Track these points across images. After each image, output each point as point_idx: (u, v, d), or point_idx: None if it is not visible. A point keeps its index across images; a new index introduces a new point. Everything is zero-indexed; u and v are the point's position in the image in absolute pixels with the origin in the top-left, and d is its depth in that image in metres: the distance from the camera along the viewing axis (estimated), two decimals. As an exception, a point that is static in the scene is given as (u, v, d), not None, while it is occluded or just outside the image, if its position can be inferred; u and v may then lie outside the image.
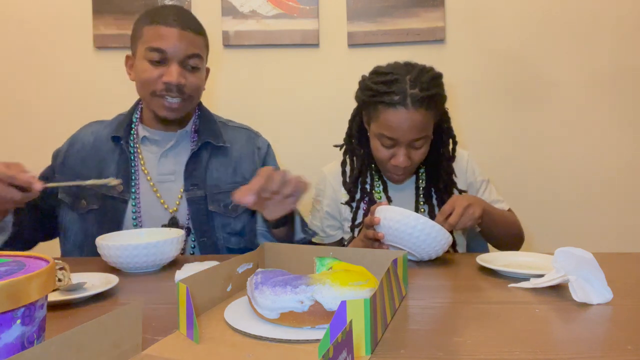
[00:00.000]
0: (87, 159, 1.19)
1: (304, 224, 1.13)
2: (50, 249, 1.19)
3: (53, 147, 1.25)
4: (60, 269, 0.76)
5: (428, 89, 1.12)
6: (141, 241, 0.91)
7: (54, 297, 0.70)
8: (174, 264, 0.98)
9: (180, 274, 0.86)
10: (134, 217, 1.15)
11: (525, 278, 0.81)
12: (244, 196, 0.86)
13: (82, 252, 1.15)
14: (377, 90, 1.14)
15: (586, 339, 0.56)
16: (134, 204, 1.16)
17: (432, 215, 1.27)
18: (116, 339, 0.49)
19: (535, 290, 0.76)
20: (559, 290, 0.75)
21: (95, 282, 0.81)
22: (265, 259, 0.86)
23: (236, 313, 0.64)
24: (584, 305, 0.68)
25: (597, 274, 0.71)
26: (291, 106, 1.94)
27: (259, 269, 0.70)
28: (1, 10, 1.93)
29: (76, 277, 0.81)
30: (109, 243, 0.92)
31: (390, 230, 0.95)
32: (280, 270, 0.68)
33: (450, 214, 1.04)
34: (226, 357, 0.52)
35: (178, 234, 0.99)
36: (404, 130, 1.12)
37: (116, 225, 1.13)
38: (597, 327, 0.60)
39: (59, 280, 0.74)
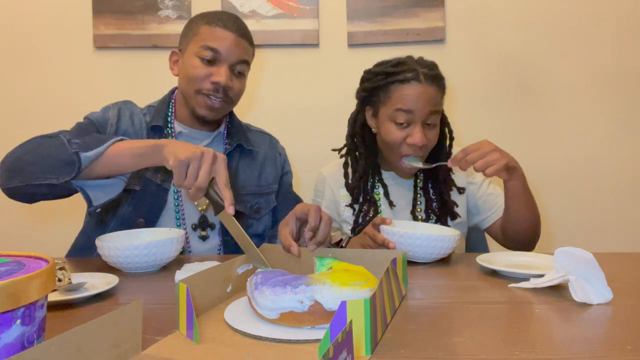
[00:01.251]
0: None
1: None
2: (51, 249, 1.19)
3: (73, 126, 1.20)
4: (60, 269, 0.76)
5: (434, 69, 1.19)
6: (141, 241, 0.92)
7: (54, 297, 0.70)
8: (174, 264, 0.98)
9: (180, 274, 0.86)
10: (177, 210, 1.16)
11: (525, 278, 0.81)
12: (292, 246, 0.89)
13: (105, 229, 1.12)
14: (387, 72, 1.18)
15: (586, 339, 0.56)
16: (175, 197, 1.16)
17: (429, 210, 1.27)
18: (116, 339, 0.49)
19: (535, 290, 0.76)
20: (559, 290, 0.75)
21: (95, 282, 0.81)
22: (265, 259, 0.86)
23: (236, 313, 0.64)
24: (584, 305, 0.68)
25: (597, 274, 0.71)
26: (291, 106, 1.94)
27: (259, 270, 0.70)
28: (1, 10, 1.93)
29: (76, 277, 0.81)
30: (109, 243, 0.92)
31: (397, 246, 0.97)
32: (280, 271, 0.68)
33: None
34: (226, 357, 0.52)
35: (178, 234, 0.99)
36: (421, 103, 1.14)
37: (155, 213, 1.13)
38: (597, 327, 0.60)
39: (59, 280, 0.74)
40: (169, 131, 1.20)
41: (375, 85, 1.20)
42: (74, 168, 0.91)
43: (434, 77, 1.17)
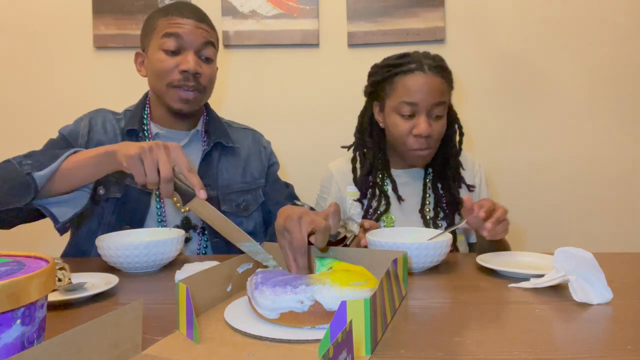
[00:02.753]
0: None
1: None
2: (51, 249, 1.19)
3: (45, 144, 1.20)
4: (60, 269, 0.76)
5: (439, 61, 1.20)
6: (141, 241, 0.91)
7: (54, 297, 0.70)
8: (174, 264, 0.98)
9: (180, 274, 0.86)
10: (159, 212, 1.15)
11: (526, 278, 0.81)
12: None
13: (92, 242, 1.09)
14: (392, 65, 1.20)
15: (586, 339, 0.56)
16: (157, 199, 1.15)
17: (438, 208, 1.27)
18: (116, 339, 0.49)
19: (535, 290, 0.76)
20: (559, 290, 0.75)
21: (95, 282, 0.81)
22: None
23: (236, 313, 0.64)
24: (584, 305, 0.68)
25: (597, 274, 0.71)
26: (291, 106, 1.95)
27: (259, 269, 0.70)
28: (1, 10, 1.93)
29: (76, 277, 0.81)
30: (109, 243, 0.92)
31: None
32: (280, 270, 0.68)
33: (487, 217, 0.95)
34: (226, 357, 0.52)
35: (178, 234, 0.99)
36: (424, 93, 1.15)
37: (139, 218, 1.12)
38: (597, 327, 0.60)
39: (59, 280, 0.74)
40: (145, 133, 1.19)
41: (381, 78, 1.22)
42: (30, 189, 0.90)
43: (438, 67, 1.17)
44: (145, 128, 1.19)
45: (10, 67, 1.94)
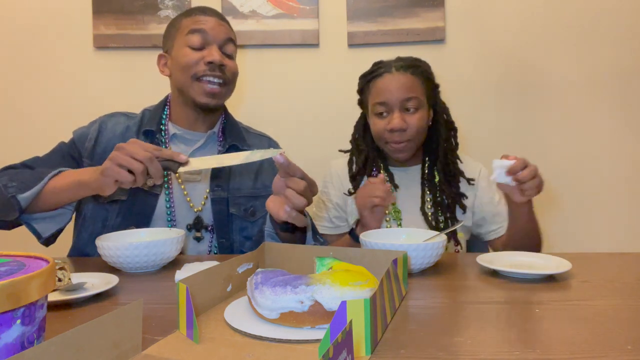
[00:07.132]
0: None
1: (315, 231, 1.12)
2: (50, 249, 1.19)
3: (53, 147, 1.24)
4: (60, 269, 0.76)
5: (410, 60, 1.28)
6: (141, 241, 0.91)
7: (54, 297, 0.70)
8: (174, 264, 0.98)
9: (180, 274, 0.86)
10: (169, 212, 1.15)
11: (526, 278, 0.81)
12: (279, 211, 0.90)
13: (95, 245, 1.11)
14: (367, 73, 1.31)
15: (586, 339, 0.56)
16: (167, 199, 1.16)
17: (436, 205, 1.29)
18: (116, 339, 0.49)
19: (535, 290, 0.76)
20: (559, 290, 0.76)
21: (95, 282, 0.81)
22: (265, 259, 0.86)
23: (236, 313, 0.64)
24: (584, 305, 0.68)
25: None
26: (291, 106, 1.95)
27: (259, 269, 0.70)
28: (1, 10, 1.93)
29: (76, 277, 0.81)
30: (109, 243, 0.92)
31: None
32: (280, 270, 0.68)
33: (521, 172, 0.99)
34: (226, 357, 0.52)
35: (178, 234, 0.99)
36: (392, 91, 1.23)
37: (145, 220, 1.13)
38: (597, 327, 0.60)
39: (59, 280, 0.74)
40: (163, 134, 1.20)
41: (361, 88, 1.33)
42: (15, 209, 0.97)
43: (407, 66, 1.25)
44: (163, 128, 1.21)
45: (10, 66, 1.94)
